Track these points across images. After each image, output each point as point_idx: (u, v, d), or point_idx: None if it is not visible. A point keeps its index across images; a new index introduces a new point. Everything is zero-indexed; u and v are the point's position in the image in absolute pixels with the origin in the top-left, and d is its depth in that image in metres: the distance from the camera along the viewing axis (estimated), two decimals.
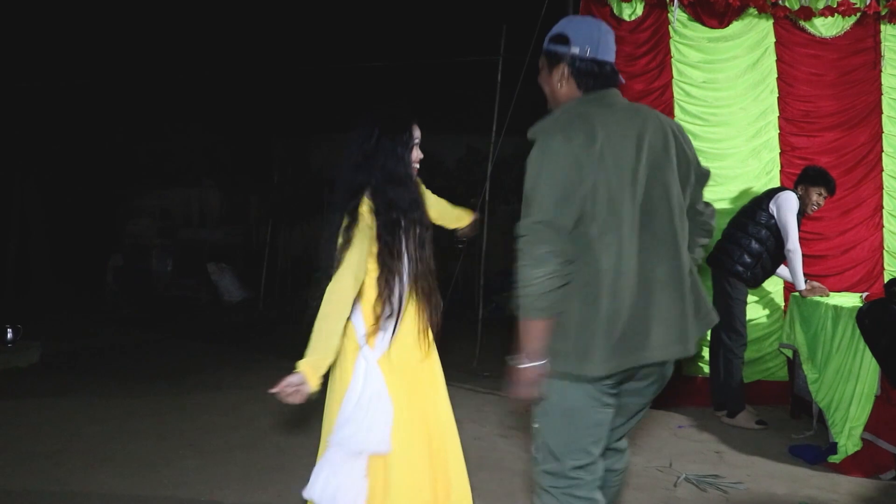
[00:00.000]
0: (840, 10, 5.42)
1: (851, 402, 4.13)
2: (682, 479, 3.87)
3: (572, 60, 2.19)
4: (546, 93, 2.28)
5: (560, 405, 2.13)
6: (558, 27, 2.25)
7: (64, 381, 5.99)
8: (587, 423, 2.15)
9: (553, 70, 2.23)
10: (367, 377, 2.53)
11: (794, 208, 4.76)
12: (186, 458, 4.10)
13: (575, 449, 2.16)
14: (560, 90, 2.22)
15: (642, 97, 5.39)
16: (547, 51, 2.25)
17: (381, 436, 2.49)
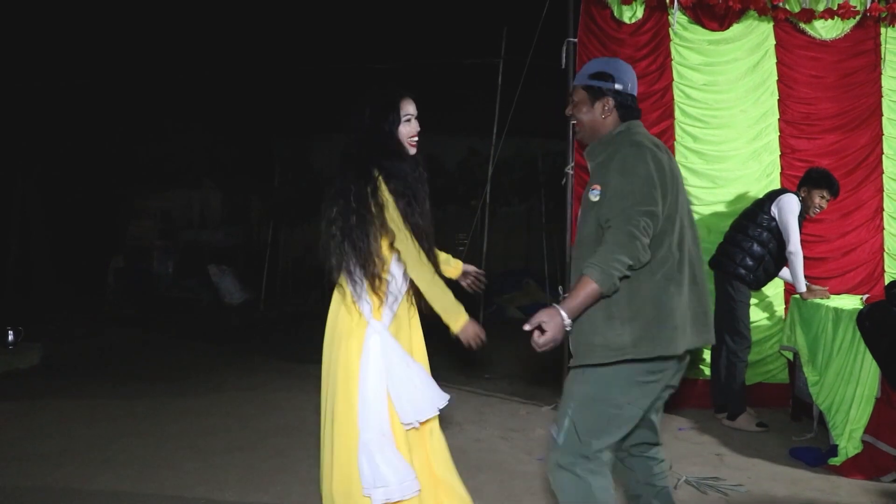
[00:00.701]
0: (840, 12, 5.42)
1: (852, 404, 4.13)
2: (683, 482, 3.87)
3: (616, 94, 2.58)
4: (584, 121, 2.61)
5: (600, 390, 2.41)
6: (599, 66, 2.63)
7: (65, 383, 5.99)
8: (623, 410, 2.43)
9: (596, 102, 2.58)
10: (386, 349, 2.60)
11: (796, 210, 4.76)
12: (187, 460, 4.11)
13: (606, 433, 2.43)
14: (604, 120, 2.58)
15: (643, 100, 5.39)
16: (590, 86, 2.59)
17: (435, 393, 2.66)
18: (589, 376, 2.43)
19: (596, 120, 2.60)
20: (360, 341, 2.60)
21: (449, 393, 2.80)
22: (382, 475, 2.49)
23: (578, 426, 2.42)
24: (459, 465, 4.02)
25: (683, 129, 5.44)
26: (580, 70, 2.72)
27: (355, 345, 2.60)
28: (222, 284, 11.93)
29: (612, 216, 2.35)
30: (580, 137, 2.69)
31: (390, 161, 2.65)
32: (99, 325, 9.22)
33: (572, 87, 2.69)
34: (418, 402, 2.59)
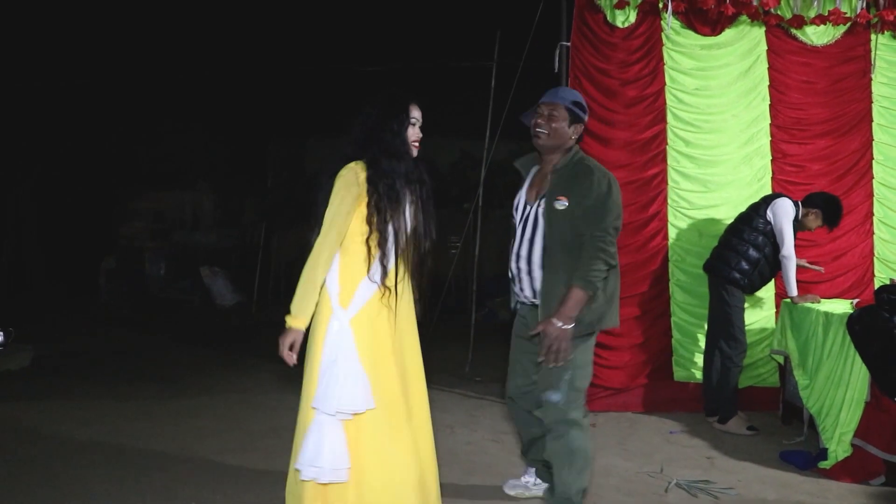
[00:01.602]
0: (831, 18, 5.45)
1: (842, 408, 4.15)
2: (673, 485, 3.88)
3: (585, 126, 3.34)
4: (552, 130, 3.21)
5: (588, 354, 3.23)
6: (578, 97, 3.32)
7: (56, 384, 5.97)
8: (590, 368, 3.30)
9: (573, 125, 3.23)
10: (340, 337, 2.69)
11: (791, 214, 4.79)
12: (178, 462, 4.10)
13: (588, 381, 3.27)
14: (570, 140, 3.24)
15: (635, 104, 5.42)
16: (574, 111, 3.23)
17: (361, 394, 2.65)
18: (579, 345, 3.10)
19: (566, 136, 3.22)
20: (325, 326, 2.71)
21: (440, 396, 2.83)
22: (322, 456, 2.60)
23: (576, 384, 3.15)
24: (451, 468, 4.04)
25: (675, 133, 5.46)
26: (558, 92, 3.33)
27: (321, 329, 2.72)
28: (214, 286, 11.88)
29: (593, 230, 3.02)
30: (543, 143, 3.23)
31: (389, 160, 2.75)
32: (90, 327, 9.18)
33: (552, 102, 3.24)
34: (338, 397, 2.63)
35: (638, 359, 5.39)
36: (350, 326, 2.70)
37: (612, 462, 4.26)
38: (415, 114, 2.87)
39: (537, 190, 3.28)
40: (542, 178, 3.29)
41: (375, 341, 2.75)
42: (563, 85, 5.32)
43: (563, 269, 3.08)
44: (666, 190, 5.46)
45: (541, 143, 3.23)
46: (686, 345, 5.42)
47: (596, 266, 2.99)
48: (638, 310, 5.39)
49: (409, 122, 2.85)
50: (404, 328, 2.88)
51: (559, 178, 3.15)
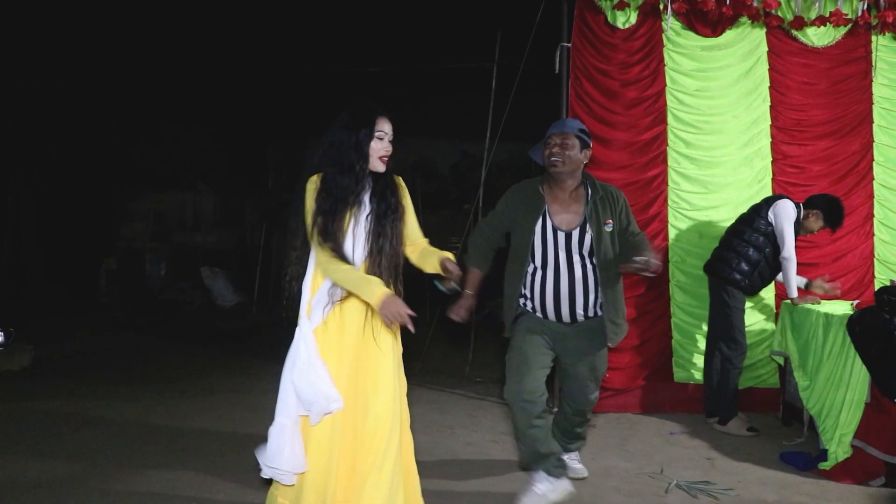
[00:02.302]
0: (832, 19, 5.45)
1: (842, 409, 4.16)
2: (673, 486, 3.88)
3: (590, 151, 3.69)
4: (567, 158, 3.54)
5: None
6: (581, 125, 3.68)
7: (56, 385, 5.97)
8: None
9: (583, 150, 3.59)
10: (303, 344, 2.73)
11: (792, 216, 4.79)
12: (178, 462, 4.10)
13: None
14: (582, 161, 3.60)
15: (635, 105, 5.42)
16: (582, 138, 3.58)
17: (328, 395, 2.68)
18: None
19: (579, 161, 3.58)
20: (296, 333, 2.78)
21: (440, 396, 2.83)
22: (283, 458, 2.70)
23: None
24: (451, 469, 4.04)
25: (676, 134, 5.46)
26: (566, 123, 3.71)
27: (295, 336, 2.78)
28: (215, 287, 11.90)
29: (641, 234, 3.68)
30: (561, 170, 3.54)
31: (341, 175, 2.75)
32: (91, 328, 9.19)
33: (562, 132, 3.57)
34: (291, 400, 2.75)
35: (638, 360, 5.39)
36: (313, 335, 2.74)
37: (612, 463, 4.26)
38: (383, 127, 2.81)
39: (566, 216, 3.58)
40: (562, 204, 3.60)
41: (333, 352, 2.76)
42: (564, 85, 5.33)
43: (614, 281, 3.62)
44: (666, 191, 5.46)
45: (558, 170, 3.54)
46: (686, 346, 5.42)
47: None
48: (638, 311, 5.39)
49: (375, 136, 2.79)
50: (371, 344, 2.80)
51: (601, 204, 3.57)
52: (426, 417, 5.14)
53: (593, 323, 3.63)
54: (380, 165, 2.83)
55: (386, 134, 2.82)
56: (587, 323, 3.62)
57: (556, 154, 3.52)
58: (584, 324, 3.62)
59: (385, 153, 2.82)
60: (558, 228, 3.55)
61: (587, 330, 3.63)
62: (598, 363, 3.68)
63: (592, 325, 3.63)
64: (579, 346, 3.63)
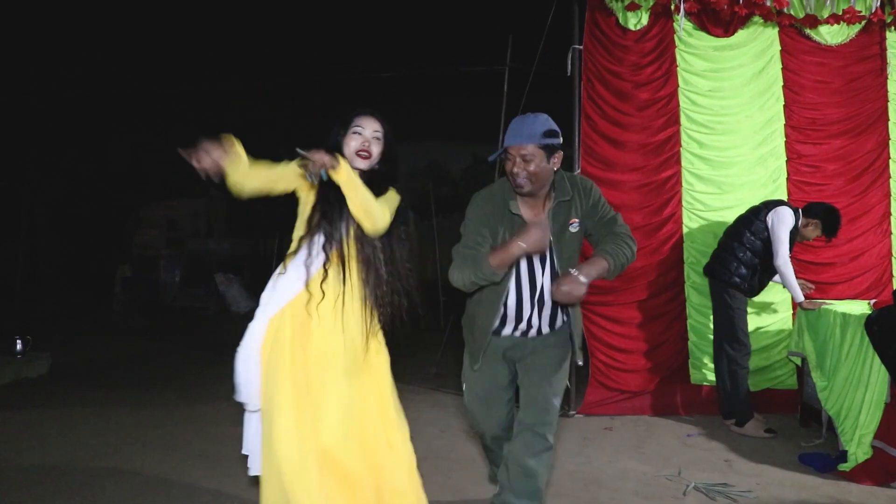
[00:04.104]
0: (845, 17, 5.43)
1: (861, 409, 4.12)
2: (691, 488, 3.85)
3: (562, 147, 2.97)
4: (533, 175, 2.87)
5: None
6: (551, 124, 2.93)
7: (73, 392, 6.01)
8: None
9: (551, 158, 2.90)
10: (253, 331, 2.76)
11: (790, 224, 4.77)
12: (195, 469, 4.11)
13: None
14: (551, 170, 2.94)
15: (648, 106, 5.41)
16: (549, 144, 2.88)
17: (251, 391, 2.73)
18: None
19: (548, 172, 2.93)
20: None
21: (456, 400, 2.81)
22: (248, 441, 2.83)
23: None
24: (467, 473, 4.03)
25: (689, 135, 5.44)
26: (523, 130, 2.89)
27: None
28: (229, 293, 11.97)
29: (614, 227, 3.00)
30: (529, 190, 2.91)
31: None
32: (107, 334, 9.24)
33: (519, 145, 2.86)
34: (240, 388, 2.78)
35: (654, 362, 5.37)
36: (266, 323, 2.73)
37: (629, 466, 4.24)
38: (361, 122, 2.74)
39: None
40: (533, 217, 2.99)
41: (277, 347, 2.69)
42: (576, 87, 5.32)
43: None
44: (680, 192, 5.44)
45: (525, 191, 2.92)
46: (702, 347, 5.39)
47: (624, 249, 2.90)
48: (653, 313, 5.37)
49: (351, 131, 2.73)
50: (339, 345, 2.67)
51: (563, 206, 2.99)
52: (443, 421, 5.13)
53: (557, 337, 3.16)
54: (359, 162, 2.73)
55: (364, 129, 2.73)
56: (549, 337, 3.15)
57: (519, 174, 2.88)
58: (547, 337, 3.15)
59: (362, 148, 2.72)
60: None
61: (547, 344, 3.14)
62: (554, 374, 3.09)
63: (555, 340, 3.15)
64: (536, 357, 3.13)
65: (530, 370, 3.12)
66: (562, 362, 3.11)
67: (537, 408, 3.01)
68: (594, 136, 5.33)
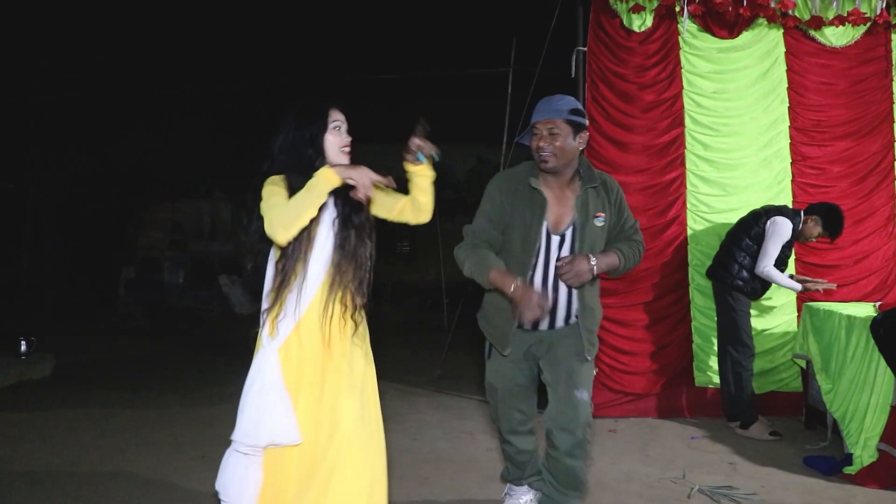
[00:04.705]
0: (850, 19, 5.42)
1: (867, 412, 4.11)
2: (696, 491, 3.85)
3: (588, 129, 3.03)
4: (559, 150, 2.92)
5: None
6: (578, 104, 3.00)
7: (77, 393, 6.01)
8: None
9: (577, 136, 2.95)
10: (265, 365, 2.56)
11: (784, 237, 4.77)
12: (199, 470, 4.11)
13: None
14: (577, 149, 2.98)
15: (652, 108, 5.40)
16: (574, 120, 2.94)
17: (285, 426, 2.49)
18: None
19: (574, 150, 2.97)
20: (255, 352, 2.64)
21: (459, 402, 2.77)
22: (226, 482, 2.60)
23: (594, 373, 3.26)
24: (471, 474, 4.03)
25: (694, 137, 5.43)
26: (552, 104, 2.98)
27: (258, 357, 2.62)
28: (233, 295, 11.97)
29: (633, 234, 3.15)
30: (553, 166, 2.95)
31: (300, 178, 2.48)
32: (111, 336, 9.25)
33: (548, 119, 2.94)
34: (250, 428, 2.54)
35: (658, 364, 5.36)
36: (277, 354, 2.56)
37: (633, 468, 4.23)
38: (336, 117, 2.60)
39: (559, 214, 3.03)
40: (556, 201, 3.03)
41: (300, 372, 2.56)
42: (580, 89, 5.32)
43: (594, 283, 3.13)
44: (685, 194, 5.43)
45: (550, 166, 2.94)
46: (706, 349, 5.38)
47: (636, 255, 3.09)
48: (658, 315, 5.36)
49: (329, 127, 2.58)
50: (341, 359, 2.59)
51: (593, 194, 3.05)
52: (446, 423, 5.13)
53: (571, 330, 3.12)
54: (343, 159, 2.59)
55: (342, 123, 2.61)
56: (565, 330, 3.13)
57: (545, 148, 2.92)
58: (561, 330, 3.13)
59: (345, 144, 2.60)
60: (552, 232, 3.02)
61: (564, 337, 3.12)
62: (575, 369, 3.08)
63: (573, 333, 3.11)
64: (556, 352, 3.13)
65: (551, 366, 3.14)
66: (582, 352, 3.12)
67: (562, 405, 3.06)
68: (598, 138, 5.32)
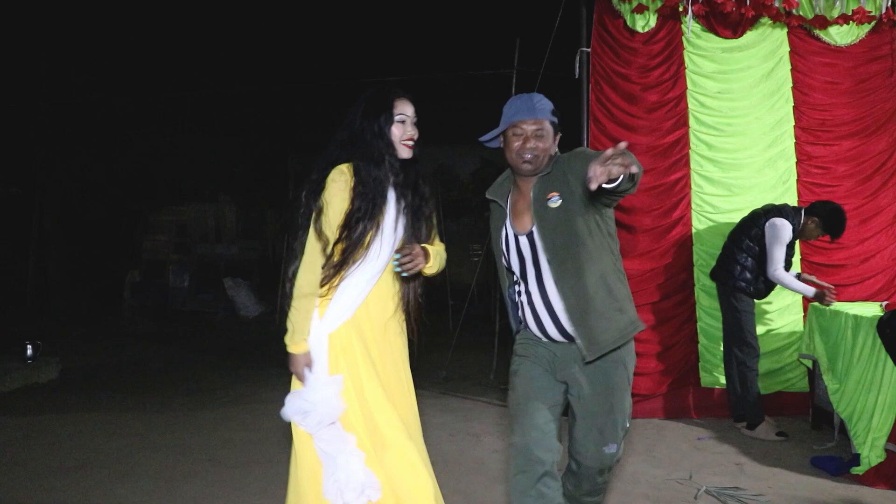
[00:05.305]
0: (855, 17, 5.40)
1: (874, 412, 4.09)
2: (703, 492, 3.84)
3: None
4: (543, 152, 2.63)
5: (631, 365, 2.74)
6: (550, 103, 2.72)
7: (83, 397, 6.03)
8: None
9: (556, 137, 2.70)
10: (317, 348, 2.53)
11: (785, 239, 4.74)
12: (205, 473, 4.12)
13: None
14: (554, 149, 2.70)
15: (656, 108, 5.39)
16: (556, 123, 2.70)
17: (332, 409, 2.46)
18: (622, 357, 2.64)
19: (550, 149, 2.68)
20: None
21: (465, 404, 2.77)
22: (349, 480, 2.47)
23: (627, 426, 2.70)
24: (478, 476, 4.02)
25: (698, 137, 5.42)
26: (535, 105, 2.67)
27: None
28: (238, 298, 11.99)
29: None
30: (535, 167, 2.63)
31: (368, 166, 2.52)
32: (116, 339, 9.28)
33: (535, 119, 2.63)
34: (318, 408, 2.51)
35: (664, 365, 5.34)
36: (327, 339, 2.52)
37: (640, 469, 4.22)
38: (403, 110, 2.58)
39: (520, 216, 2.72)
40: (525, 203, 2.71)
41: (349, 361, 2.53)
42: (584, 90, 5.30)
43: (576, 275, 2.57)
44: (689, 194, 5.42)
45: (531, 168, 2.64)
46: (712, 350, 5.37)
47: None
48: (663, 315, 5.35)
49: (395, 120, 2.56)
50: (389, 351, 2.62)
51: (544, 181, 2.65)
52: (452, 426, 5.13)
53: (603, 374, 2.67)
54: (405, 151, 2.59)
55: (408, 117, 2.59)
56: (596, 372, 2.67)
57: (528, 149, 2.61)
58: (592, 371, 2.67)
59: (409, 137, 2.59)
60: (518, 234, 2.69)
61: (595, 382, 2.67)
62: (604, 422, 2.65)
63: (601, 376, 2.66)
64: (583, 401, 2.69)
65: (577, 417, 2.73)
66: (612, 407, 2.65)
67: (586, 459, 2.72)
68: (602, 138, 5.31)
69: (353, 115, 2.61)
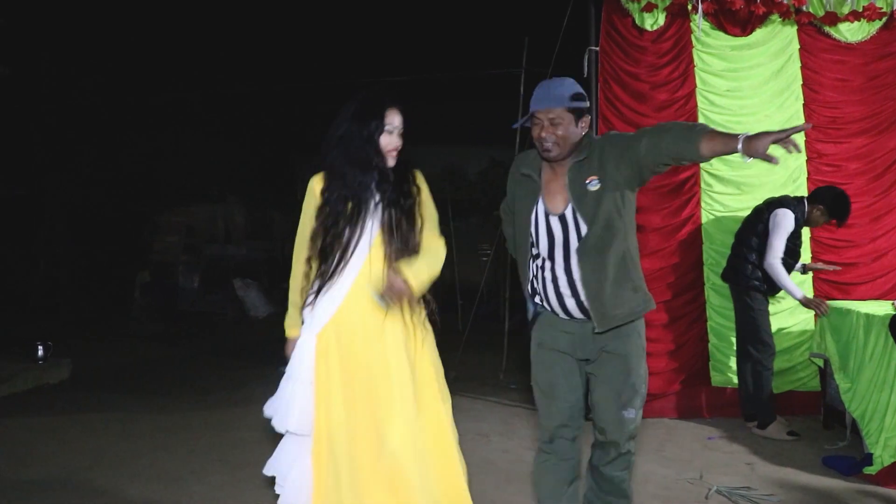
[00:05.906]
0: (865, 14, 5.37)
1: (886, 411, 4.06)
2: (713, 492, 3.82)
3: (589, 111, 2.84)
4: (561, 139, 2.72)
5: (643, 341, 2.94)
6: (578, 88, 2.79)
7: (94, 397, 6.05)
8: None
9: (579, 121, 2.75)
10: (302, 350, 2.66)
11: (788, 229, 4.72)
12: (216, 473, 4.12)
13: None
14: (580, 134, 2.77)
15: (666, 107, 5.37)
16: (578, 108, 2.73)
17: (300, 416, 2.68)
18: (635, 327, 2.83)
19: (577, 136, 2.76)
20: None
21: (474, 404, 2.78)
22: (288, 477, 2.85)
23: (644, 392, 2.87)
24: (488, 477, 4.01)
25: None
26: (551, 92, 2.74)
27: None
28: (248, 298, 12.02)
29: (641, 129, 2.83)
30: (556, 155, 2.73)
31: (353, 170, 2.61)
32: (127, 340, 9.30)
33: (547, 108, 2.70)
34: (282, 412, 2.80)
35: (674, 364, 5.33)
36: (314, 340, 2.65)
37: (650, 469, 4.20)
38: (392, 120, 2.63)
39: (557, 194, 2.81)
40: (557, 181, 2.82)
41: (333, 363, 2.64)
42: (593, 89, 5.29)
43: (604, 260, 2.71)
44: (699, 193, 5.40)
45: (553, 156, 2.75)
46: (722, 349, 5.34)
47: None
48: (673, 314, 5.33)
49: (384, 130, 2.62)
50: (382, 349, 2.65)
51: (582, 165, 2.75)
52: (461, 426, 5.07)
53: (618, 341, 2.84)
54: (390, 160, 2.67)
55: (396, 127, 2.65)
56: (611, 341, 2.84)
57: (546, 138, 2.72)
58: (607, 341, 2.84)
59: (394, 148, 2.65)
60: (550, 214, 2.79)
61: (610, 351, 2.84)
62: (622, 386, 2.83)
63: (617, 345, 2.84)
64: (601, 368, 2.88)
65: (597, 384, 2.89)
66: (629, 371, 2.81)
67: (608, 425, 2.86)
68: None
69: (343, 117, 2.67)
